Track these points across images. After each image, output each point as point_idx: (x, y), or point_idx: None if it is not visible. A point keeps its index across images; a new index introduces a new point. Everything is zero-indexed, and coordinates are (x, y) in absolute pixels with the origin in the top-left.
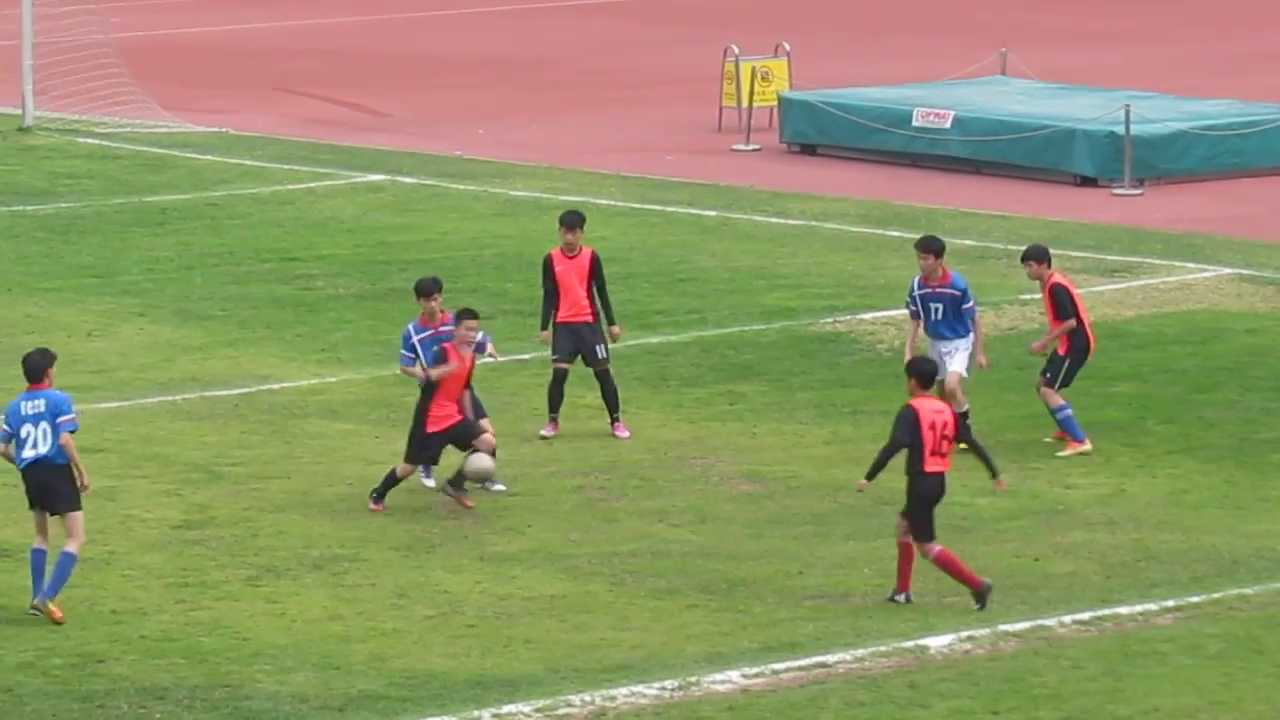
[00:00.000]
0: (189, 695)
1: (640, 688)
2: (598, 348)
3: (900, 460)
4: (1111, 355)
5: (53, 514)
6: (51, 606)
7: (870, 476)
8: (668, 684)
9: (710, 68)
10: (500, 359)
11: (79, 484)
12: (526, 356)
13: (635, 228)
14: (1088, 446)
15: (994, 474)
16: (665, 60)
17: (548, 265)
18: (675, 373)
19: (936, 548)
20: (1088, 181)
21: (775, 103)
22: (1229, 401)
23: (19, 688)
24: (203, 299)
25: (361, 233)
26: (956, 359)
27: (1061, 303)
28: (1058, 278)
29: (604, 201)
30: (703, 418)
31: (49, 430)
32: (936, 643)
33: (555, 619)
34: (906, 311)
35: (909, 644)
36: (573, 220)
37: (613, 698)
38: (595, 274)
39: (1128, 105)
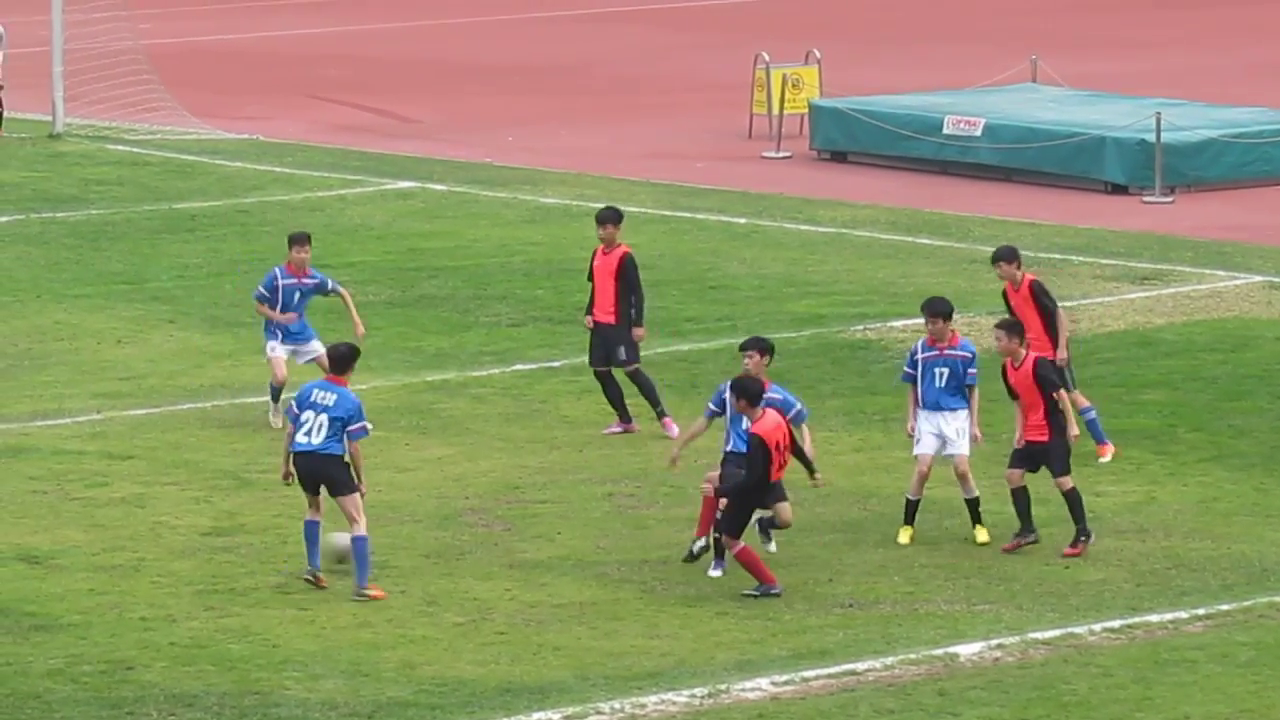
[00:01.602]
0: (218, 702)
1: (670, 695)
2: (618, 349)
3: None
4: (1142, 363)
5: (332, 496)
6: (370, 591)
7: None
8: (697, 691)
9: (741, 75)
10: None
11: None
12: (556, 364)
13: (665, 235)
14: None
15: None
16: (696, 67)
17: (591, 259)
18: (706, 380)
19: (741, 544)
20: (1118, 189)
21: (805, 110)
22: (1259, 409)
23: (48, 694)
24: (233, 305)
25: (391, 239)
26: (961, 442)
27: (1047, 295)
28: (1030, 274)
29: (634, 209)
30: None
31: (327, 424)
32: (966, 650)
33: (585, 626)
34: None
35: (938, 651)
36: (603, 216)
37: (642, 705)
38: (621, 274)
39: (1158, 113)
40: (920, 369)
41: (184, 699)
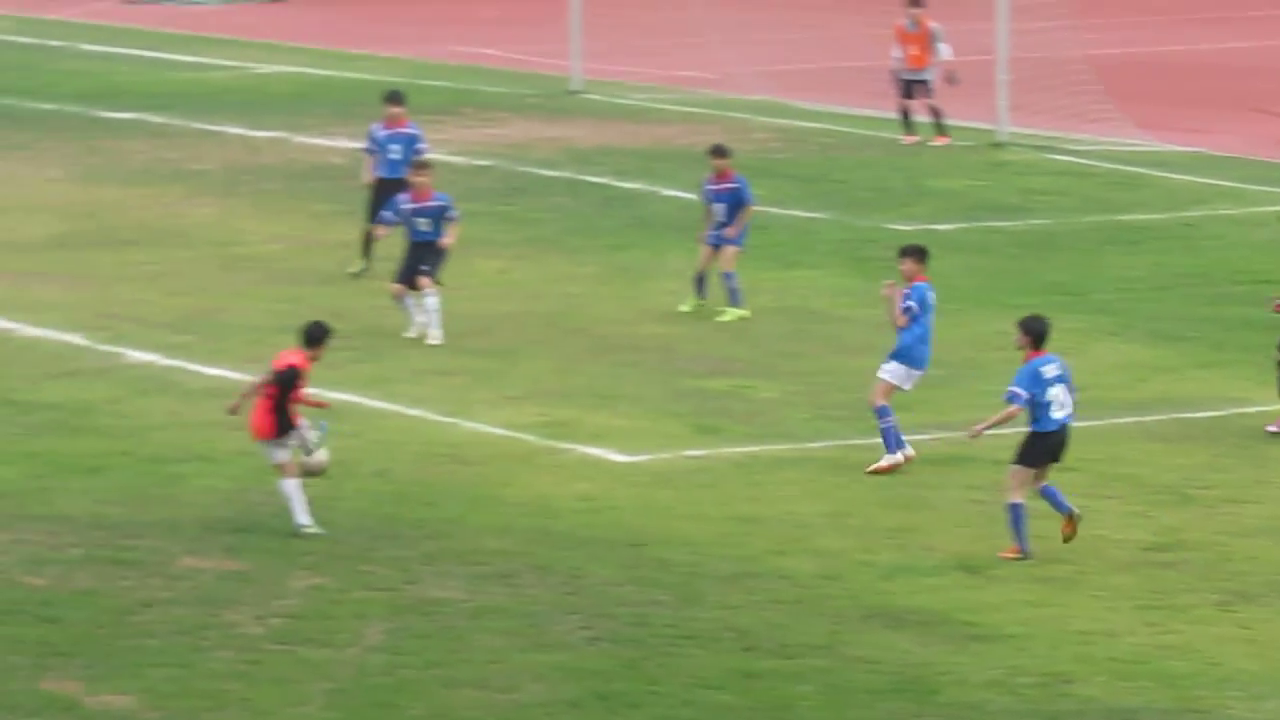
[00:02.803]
0: (1157, 719)
1: None
2: None
3: None
4: None
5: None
6: (1006, 553)
7: None
8: None
9: None
10: None
11: None
12: None
13: None
14: None
15: None
16: None
17: None
18: None
19: None
20: None
21: None
22: None
23: (986, 704)
24: (1177, 319)
25: None
26: None
27: None
28: None
29: None
30: None
31: (1067, 391)
32: None
33: None
34: None
35: None
36: None
37: None
38: None
39: None
40: None
41: (1123, 714)
